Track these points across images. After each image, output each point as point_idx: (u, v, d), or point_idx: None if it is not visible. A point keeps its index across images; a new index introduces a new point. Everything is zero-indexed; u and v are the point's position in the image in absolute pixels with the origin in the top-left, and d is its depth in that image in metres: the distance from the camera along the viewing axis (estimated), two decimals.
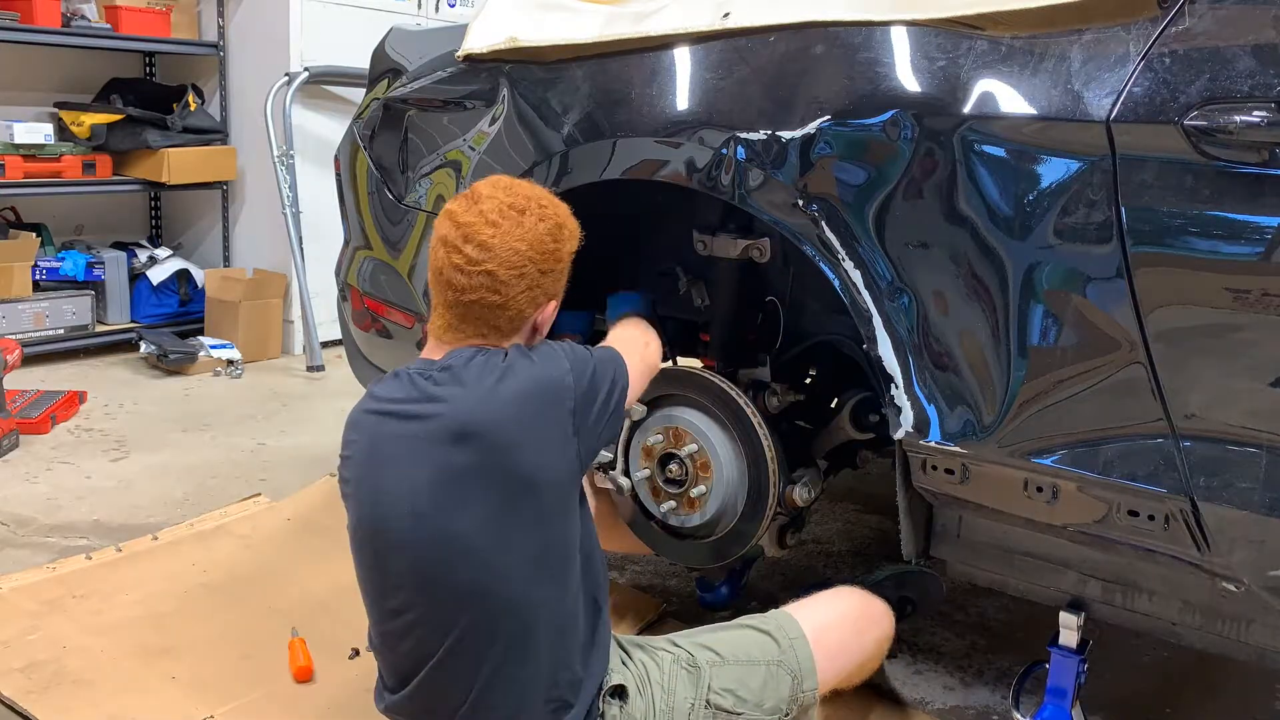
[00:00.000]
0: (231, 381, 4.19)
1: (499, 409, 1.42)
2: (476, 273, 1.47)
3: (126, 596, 2.32)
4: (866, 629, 1.73)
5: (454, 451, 1.41)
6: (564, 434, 1.46)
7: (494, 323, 1.50)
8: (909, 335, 1.64)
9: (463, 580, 1.42)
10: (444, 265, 1.49)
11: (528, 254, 1.48)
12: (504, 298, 1.48)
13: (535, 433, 1.44)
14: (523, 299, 1.50)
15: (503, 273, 1.47)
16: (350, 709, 1.94)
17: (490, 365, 1.46)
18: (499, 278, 1.47)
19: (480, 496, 1.41)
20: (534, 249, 1.49)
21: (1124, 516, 1.54)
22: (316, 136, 4.49)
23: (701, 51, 1.86)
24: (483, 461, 1.41)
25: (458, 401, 1.43)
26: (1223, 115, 1.36)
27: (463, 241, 1.48)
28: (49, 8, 4.10)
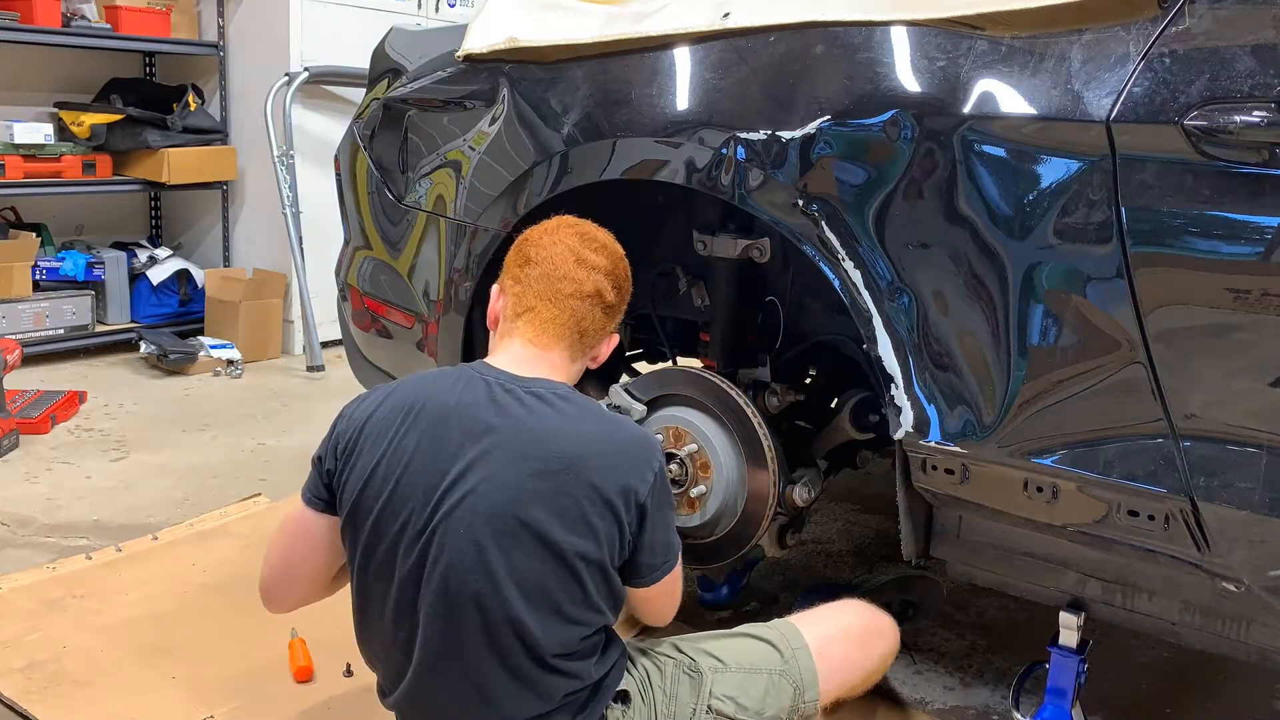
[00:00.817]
0: (231, 381, 4.19)
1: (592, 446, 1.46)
2: (585, 295, 1.57)
3: (126, 596, 2.32)
4: (871, 643, 1.72)
5: (531, 474, 1.42)
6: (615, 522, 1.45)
7: (581, 328, 1.57)
8: (909, 335, 1.64)
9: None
10: (560, 261, 1.58)
11: (626, 286, 1.64)
12: (604, 303, 1.59)
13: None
14: (607, 327, 1.61)
15: (610, 293, 1.59)
16: (350, 709, 1.94)
17: (590, 409, 1.51)
18: (607, 299, 1.59)
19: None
20: (625, 282, 1.64)
21: (1124, 516, 1.54)
22: (316, 136, 4.49)
23: (701, 51, 1.86)
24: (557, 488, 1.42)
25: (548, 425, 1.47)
26: (1223, 115, 1.36)
27: (582, 243, 1.60)
28: (49, 8, 4.10)
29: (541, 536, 1.39)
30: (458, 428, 1.44)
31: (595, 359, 1.63)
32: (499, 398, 1.46)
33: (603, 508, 1.41)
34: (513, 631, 1.40)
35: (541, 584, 1.40)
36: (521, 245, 1.63)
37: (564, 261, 1.57)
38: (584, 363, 1.62)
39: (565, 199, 2.00)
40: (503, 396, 1.47)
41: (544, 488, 1.40)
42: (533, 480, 1.40)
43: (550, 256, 1.58)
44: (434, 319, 2.31)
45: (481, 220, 2.14)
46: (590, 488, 1.40)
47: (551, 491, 1.40)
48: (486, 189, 2.14)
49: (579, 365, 1.61)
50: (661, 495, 1.48)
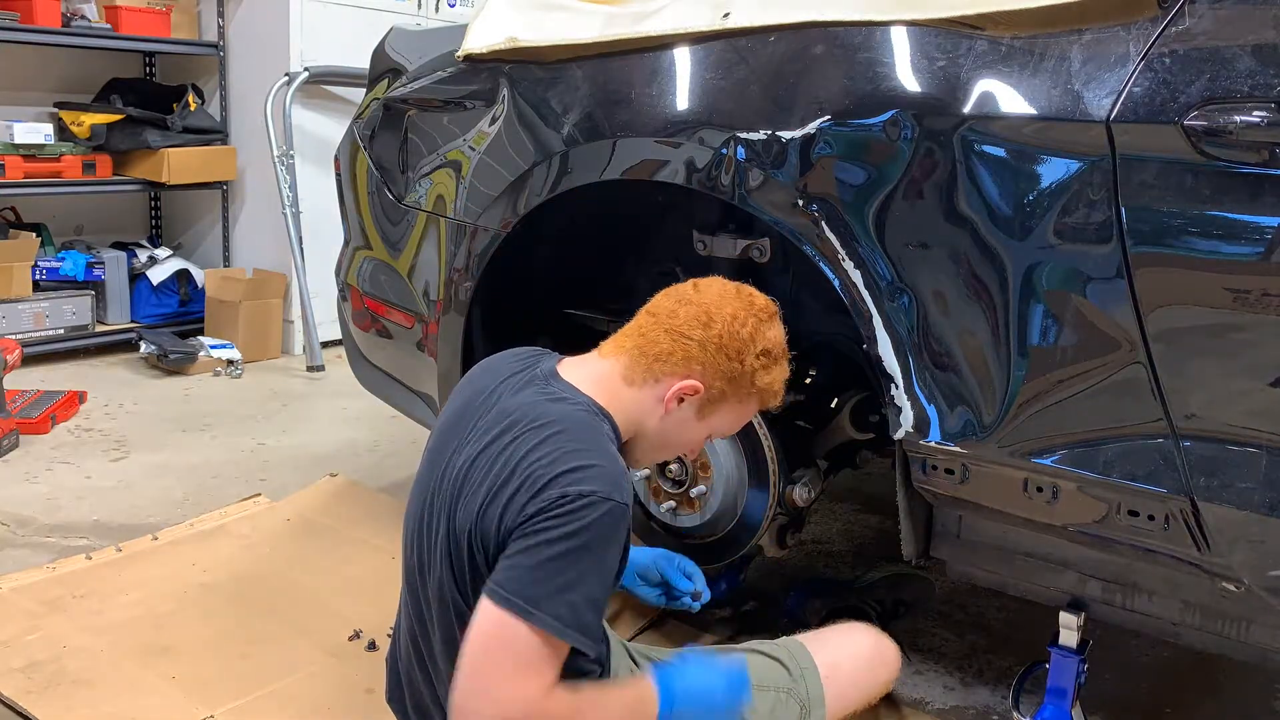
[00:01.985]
0: (231, 381, 4.19)
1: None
2: (667, 329, 1.47)
3: (126, 596, 2.32)
4: (877, 668, 1.69)
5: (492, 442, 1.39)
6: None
7: (645, 360, 1.46)
8: (909, 335, 1.64)
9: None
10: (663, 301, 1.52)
11: (719, 330, 1.45)
12: (664, 349, 1.45)
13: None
14: (675, 360, 1.45)
15: (689, 329, 1.46)
16: (350, 709, 1.94)
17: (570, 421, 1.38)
18: (681, 332, 1.46)
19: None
20: (728, 334, 1.45)
21: (1124, 516, 1.54)
22: (316, 136, 4.49)
23: (701, 51, 1.86)
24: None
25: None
26: (1223, 115, 1.36)
27: (701, 299, 1.49)
28: (49, 8, 4.10)
29: (471, 526, 1.40)
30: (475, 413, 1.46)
31: (670, 398, 1.47)
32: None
33: (528, 491, 1.35)
34: (439, 637, 1.45)
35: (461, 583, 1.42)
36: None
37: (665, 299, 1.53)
38: (647, 393, 1.47)
39: (565, 199, 2.00)
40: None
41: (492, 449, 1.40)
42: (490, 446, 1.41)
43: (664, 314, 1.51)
44: (434, 319, 2.31)
45: (482, 220, 2.14)
46: (547, 483, 1.35)
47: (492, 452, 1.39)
48: (486, 189, 2.14)
49: (638, 392, 1.47)
50: (576, 521, 1.29)
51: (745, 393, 1.49)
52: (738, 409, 1.52)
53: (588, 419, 1.39)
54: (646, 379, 1.47)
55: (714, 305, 1.48)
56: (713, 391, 1.47)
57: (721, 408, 1.50)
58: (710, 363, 1.46)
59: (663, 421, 1.48)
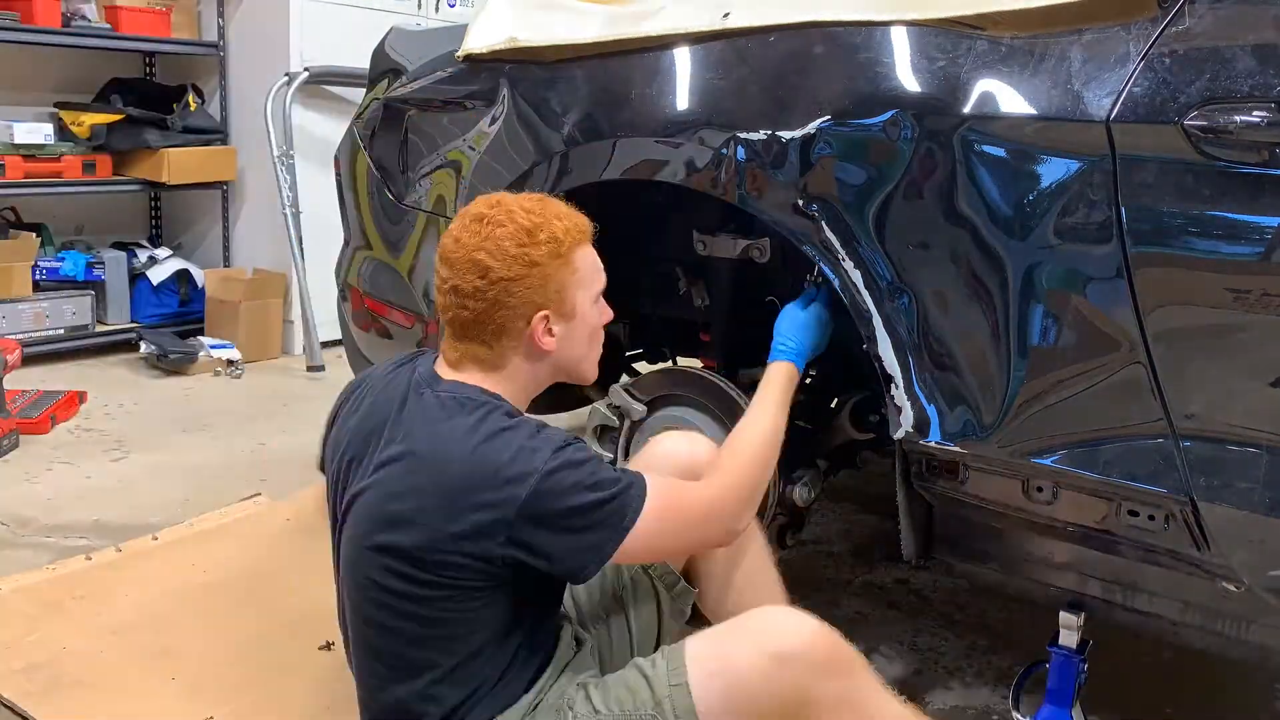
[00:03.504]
0: (231, 381, 4.19)
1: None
2: (446, 290, 1.43)
3: (126, 597, 2.32)
4: (787, 668, 1.35)
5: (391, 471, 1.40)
6: (481, 530, 1.34)
7: (479, 338, 1.44)
8: (909, 335, 1.64)
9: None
10: (434, 285, 1.47)
11: (486, 263, 1.40)
12: (473, 312, 1.42)
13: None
14: (496, 313, 1.41)
15: (464, 285, 1.41)
16: (350, 710, 1.93)
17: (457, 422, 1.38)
18: (462, 291, 1.41)
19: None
20: (493, 256, 1.40)
21: (1124, 516, 1.54)
22: (316, 136, 4.48)
23: (701, 52, 1.86)
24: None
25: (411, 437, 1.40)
26: (1223, 115, 1.36)
27: (439, 262, 1.45)
28: (49, 8, 4.10)
29: (379, 548, 1.41)
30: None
31: (540, 349, 1.45)
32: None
33: (463, 528, 1.36)
34: (363, 646, 1.51)
35: (370, 594, 1.45)
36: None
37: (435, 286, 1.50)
38: (524, 355, 1.46)
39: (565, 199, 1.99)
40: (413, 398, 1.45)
41: (403, 499, 1.40)
42: (396, 491, 1.41)
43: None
44: (434, 319, 2.31)
45: None
46: (449, 507, 1.36)
47: (404, 504, 1.40)
48: (487, 189, 2.14)
49: (516, 358, 1.46)
50: (549, 516, 1.34)
51: (566, 263, 1.45)
52: (579, 272, 1.47)
53: (484, 431, 1.37)
54: (503, 352, 1.45)
55: (464, 259, 1.42)
56: (552, 297, 1.44)
57: (569, 288, 1.46)
58: (521, 290, 1.41)
59: (559, 350, 1.47)
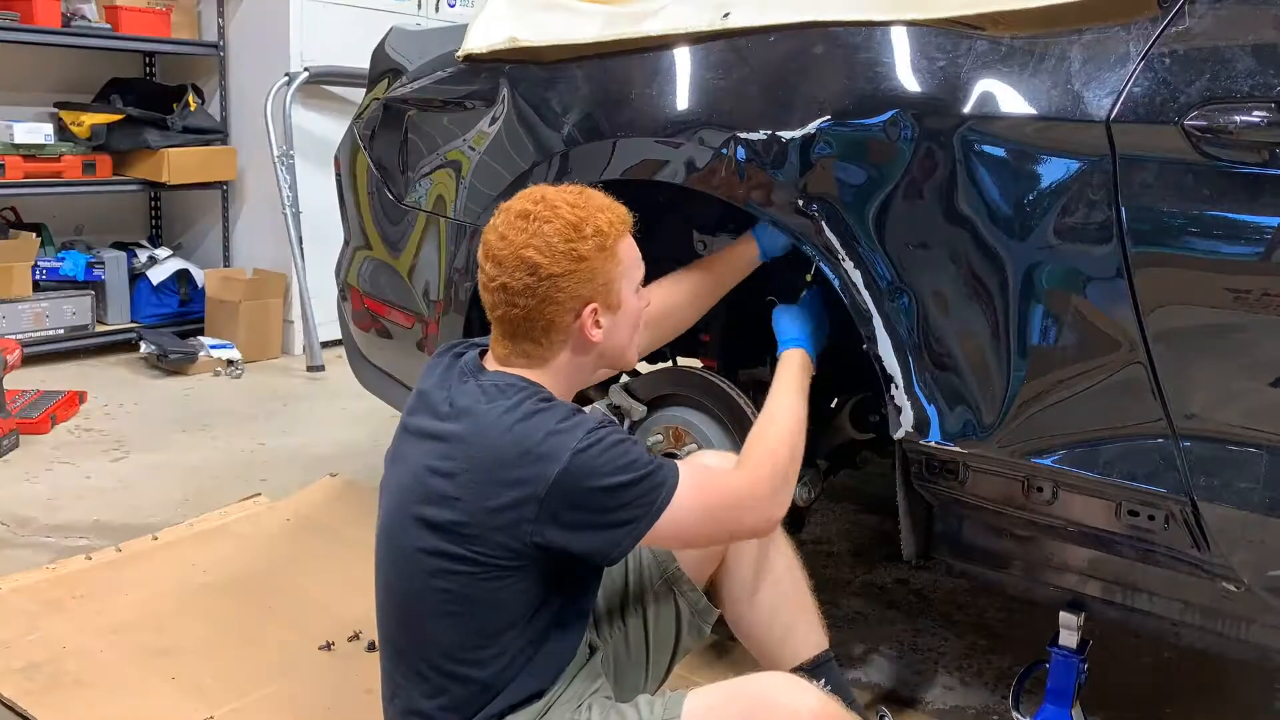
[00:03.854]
0: (231, 381, 4.19)
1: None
2: (494, 288, 1.43)
3: (126, 597, 2.32)
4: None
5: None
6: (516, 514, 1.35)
7: (528, 335, 1.43)
8: (909, 335, 1.64)
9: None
10: (479, 283, 1.47)
11: (534, 260, 1.39)
12: (523, 310, 1.41)
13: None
14: (546, 309, 1.41)
15: (514, 283, 1.40)
16: (350, 710, 1.94)
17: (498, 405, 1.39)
18: (512, 289, 1.41)
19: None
20: (542, 253, 1.39)
21: (1124, 516, 1.54)
22: (316, 136, 4.48)
23: (701, 51, 1.86)
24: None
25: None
26: (1223, 115, 1.36)
27: (483, 258, 1.44)
28: (49, 8, 4.10)
29: (417, 538, 1.42)
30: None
31: (588, 340, 1.45)
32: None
33: (495, 511, 1.36)
34: (401, 640, 1.47)
35: (412, 585, 1.44)
36: None
37: (479, 283, 1.49)
38: (571, 349, 1.46)
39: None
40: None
41: (438, 487, 1.41)
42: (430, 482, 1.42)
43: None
44: (434, 319, 2.31)
45: (482, 220, 2.14)
46: (483, 490, 1.37)
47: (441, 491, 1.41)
48: (487, 189, 2.14)
49: (564, 352, 1.46)
50: (578, 495, 1.36)
51: (611, 256, 1.45)
52: (622, 263, 1.47)
53: (519, 413, 1.38)
54: (551, 347, 1.45)
55: (513, 256, 1.41)
56: (599, 290, 1.44)
57: (615, 280, 1.46)
58: (570, 284, 1.41)
59: (606, 341, 1.47)
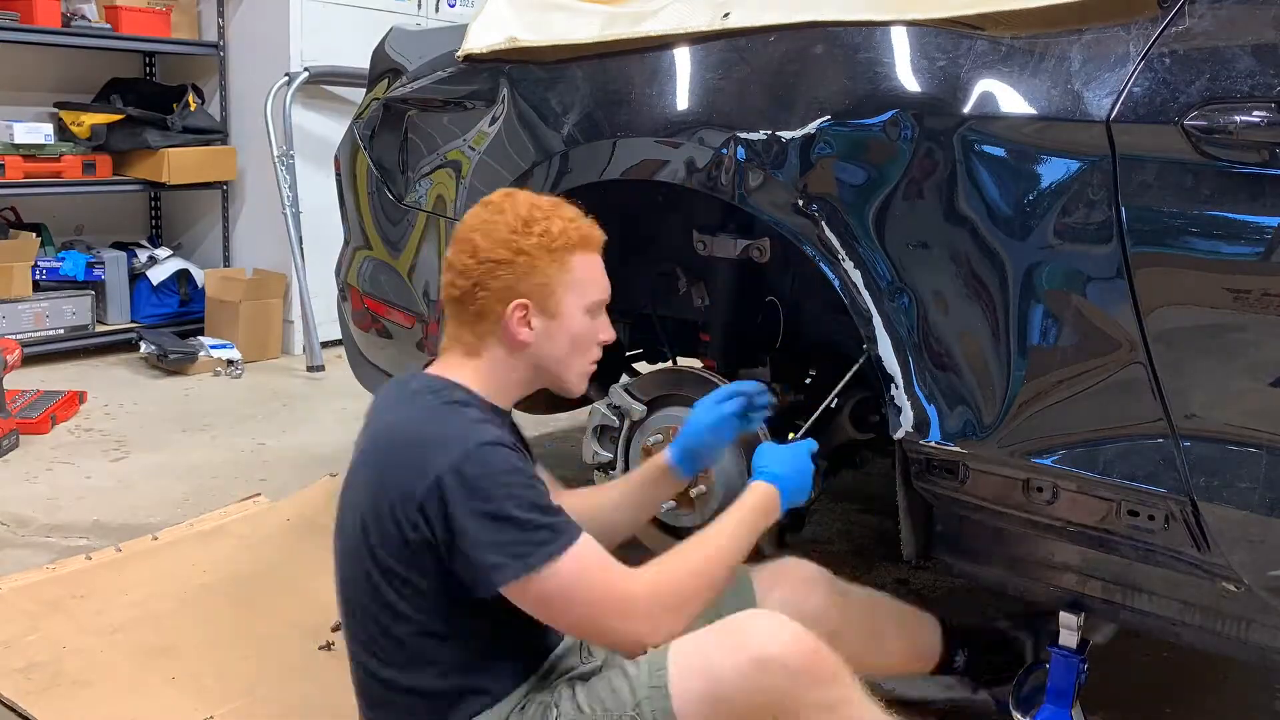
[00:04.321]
0: (231, 381, 4.19)
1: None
2: (445, 266, 1.49)
3: (126, 597, 2.32)
4: (766, 672, 1.31)
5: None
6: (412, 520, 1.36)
7: (463, 319, 1.47)
8: (909, 335, 1.64)
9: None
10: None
11: (476, 242, 1.45)
12: (460, 291, 1.46)
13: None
14: (478, 294, 1.44)
15: (456, 262, 1.46)
16: (350, 710, 1.93)
17: (420, 404, 1.43)
18: (454, 268, 1.46)
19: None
20: (485, 237, 1.44)
21: (1124, 516, 1.54)
22: (316, 136, 4.48)
23: (701, 51, 1.86)
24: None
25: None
26: (1223, 115, 1.36)
27: (450, 244, 1.51)
28: (49, 8, 4.10)
29: (343, 530, 1.46)
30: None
31: (514, 340, 1.45)
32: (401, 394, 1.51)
33: (383, 505, 1.37)
34: (345, 628, 1.49)
35: (345, 577, 1.46)
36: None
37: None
38: (495, 346, 1.46)
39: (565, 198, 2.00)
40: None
41: (354, 484, 1.45)
42: (352, 478, 1.46)
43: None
44: (434, 319, 2.31)
45: None
46: (377, 485, 1.39)
47: (355, 488, 1.44)
48: (487, 189, 2.13)
49: (494, 345, 1.46)
50: (455, 504, 1.31)
51: (556, 261, 1.45)
52: (571, 274, 1.46)
53: (417, 412, 1.42)
54: (483, 337, 1.46)
55: (462, 238, 1.47)
56: (535, 289, 1.44)
57: (557, 287, 1.45)
58: (505, 275, 1.43)
59: (537, 347, 1.46)
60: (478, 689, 1.42)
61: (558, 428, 3.57)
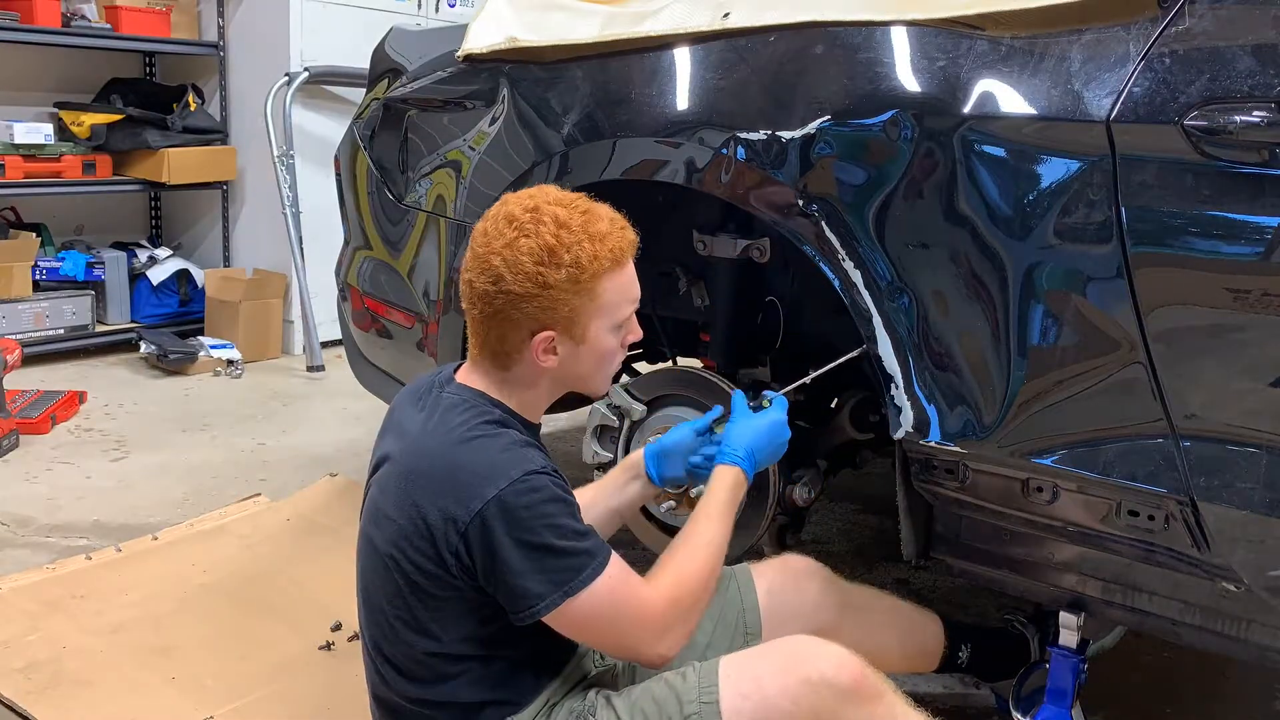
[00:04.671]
0: (231, 381, 4.19)
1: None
2: (466, 280, 1.41)
3: (126, 596, 2.32)
4: (814, 693, 1.34)
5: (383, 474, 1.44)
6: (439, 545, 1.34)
7: (487, 339, 1.41)
8: (909, 335, 1.64)
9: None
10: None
11: (499, 271, 1.35)
12: (481, 314, 1.39)
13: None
14: (500, 322, 1.38)
15: (478, 285, 1.38)
16: (350, 710, 1.93)
17: (453, 424, 1.38)
18: (475, 289, 1.39)
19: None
20: (509, 267, 1.35)
21: (1124, 516, 1.54)
22: (316, 136, 4.49)
23: (701, 51, 1.86)
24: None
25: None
26: (1223, 115, 1.35)
27: (469, 253, 1.42)
28: (49, 8, 4.10)
29: (371, 543, 1.42)
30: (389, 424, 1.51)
31: (540, 368, 1.41)
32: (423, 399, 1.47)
33: (421, 527, 1.34)
34: (367, 640, 1.46)
35: (371, 589, 1.43)
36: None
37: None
38: (528, 370, 1.42)
39: None
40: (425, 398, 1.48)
41: (386, 496, 1.40)
42: (384, 487, 1.41)
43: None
44: (434, 319, 2.31)
45: None
46: (413, 505, 1.35)
47: (387, 500, 1.39)
48: (487, 189, 2.14)
49: (520, 371, 1.43)
50: (498, 535, 1.29)
51: (585, 292, 1.38)
52: (600, 300, 1.40)
53: (458, 435, 1.37)
54: (510, 353, 1.41)
55: (483, 258, 1.38)
56: (561, 320, 1.38)
57: (584, 315, 1.39)
58: (529, 308, 1.36)
59: (562, 368, 1.42)
60: (503, 700, 1.42)
61: (558, 428, 3.57)
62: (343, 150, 2.65)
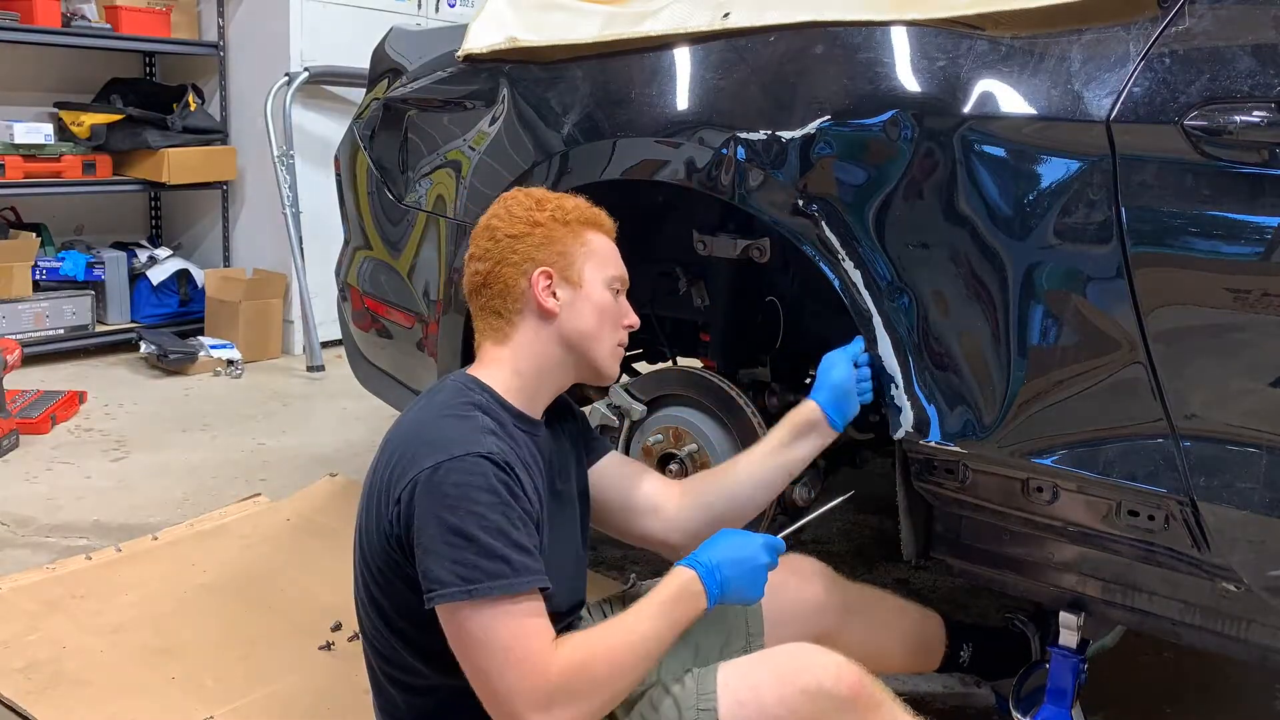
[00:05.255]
0: (231, 381, 4.19)
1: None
2: (465, 260, 1.53)
3: (126, 596, 2.32)
4: (811, 703, 1.33)
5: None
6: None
7: (490, 305, 1.49)
8: (909, 335, 1.64)
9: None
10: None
11: (494, 224, 1.50)
12: (482, 275, 1.49)
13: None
14: (501, 271, 1.47)
15: (476, 250, 1.51)
16: (350, 710, 1.94)
17: (431, 401, 1.44)
18: (474, 256, 1.51)
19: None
20: (500, 219, 1.51)
21: (1124, 516, 1.54)
22: (316, 136, 4.49)
23: (701, 51, 1.86)
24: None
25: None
26: (1223, 115, 1.35)
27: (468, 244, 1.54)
28: (49, 8, 4.11)
29: (355, 531, 1.44)
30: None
31: (543, 310, 1.45)
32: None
33: (374, 495, 1.36)
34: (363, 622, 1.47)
35: (356, 580, 1.44)
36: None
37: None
38: (523, 324, 1.47)
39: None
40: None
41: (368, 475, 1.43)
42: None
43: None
44: (434, 319, 2.31)
45: None
46: (372, 472, 1.39)
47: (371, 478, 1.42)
48: (487, 189, 2.14)
49: (524, 324, 1.47)
50: (423, 506, 1.27)
51: (572, 232, 1.50)
52: (587, 246, 1.51)
53: (430, 412, 1.40)
54: (510, 317, 1.47)
55: (479, 229, 1.53)
56: (555, 257, 1.48)
57: (576, 257, 1.49)
58: (524, 247, 1.47)
59: (564, 319, 1.46)
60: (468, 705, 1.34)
61: None
62: (343, 150, 2.65)
